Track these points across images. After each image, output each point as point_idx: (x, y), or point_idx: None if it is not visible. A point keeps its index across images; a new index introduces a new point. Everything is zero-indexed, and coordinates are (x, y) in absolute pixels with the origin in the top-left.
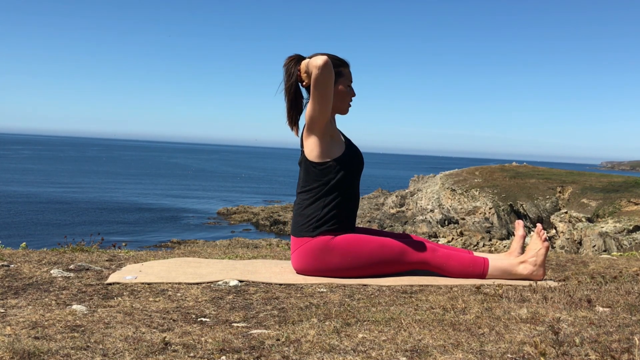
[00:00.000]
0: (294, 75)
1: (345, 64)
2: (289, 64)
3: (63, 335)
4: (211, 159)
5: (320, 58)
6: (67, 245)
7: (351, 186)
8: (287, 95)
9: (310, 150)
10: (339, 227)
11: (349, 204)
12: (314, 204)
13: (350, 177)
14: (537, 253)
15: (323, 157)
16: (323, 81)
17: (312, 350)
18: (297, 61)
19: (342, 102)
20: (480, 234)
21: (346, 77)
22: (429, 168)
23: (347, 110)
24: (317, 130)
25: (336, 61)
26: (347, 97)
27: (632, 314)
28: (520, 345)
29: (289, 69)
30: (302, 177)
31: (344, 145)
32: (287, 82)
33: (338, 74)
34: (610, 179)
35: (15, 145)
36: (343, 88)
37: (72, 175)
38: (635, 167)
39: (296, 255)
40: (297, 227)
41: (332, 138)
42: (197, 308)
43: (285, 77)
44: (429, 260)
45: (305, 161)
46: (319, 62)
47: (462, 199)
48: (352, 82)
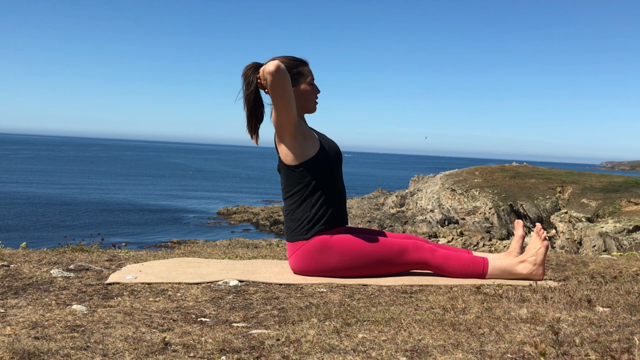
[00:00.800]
0: (252, 84)
1: (303, 63)
2: (247, 72)
3: (63, 335)
4: (211, 159)
5: (271, 64)
6: (67, 245)
7: (334, 181)
8: (246, 103)
9: (286, 155)
10: (331, 224)
11: (336, 198)
12: (301, 206)
13: (330, 172)
14: (536, 252)
15: (299, 159)
16: (279, 86)
17: (312, 350)
18: (255, 69)
19: (307, 101)
20: (480, 234)
21: (307, 76)
22: (429, 168)
23: (314, 108)
24: (286, 134)
25: (293, 62)
26: (312, 95)
27: (632, 314)
28: (520, 345)
29: (247, 78)
30: (283, 182)
31: (318, 143)
32: (245, 90)
33: (298, 74)
34: (610, 179)
35: (15, 145)
36: (306, 87)
37: (72, 175)
38: (635, 167)
39: (293, 258)
40: (290, 233)
41: (304, 138)
42: (197, 308)
43: (244, 85)
44: (428, 261)
45: (283, 167)
46: (271, 68)
47: (462, 199)
48: (314, 79)
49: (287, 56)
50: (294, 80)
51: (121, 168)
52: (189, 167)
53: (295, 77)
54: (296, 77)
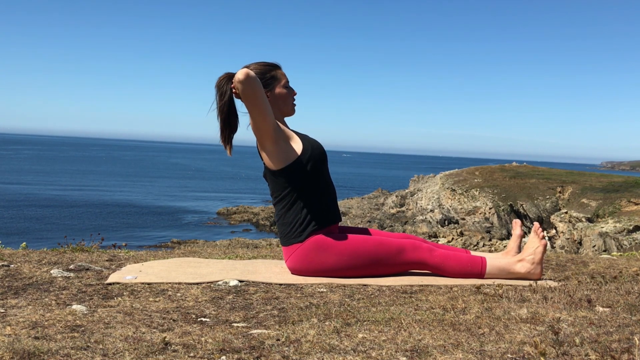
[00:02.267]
0: (226, 94)
1: (275, 67)
2: (221, 82)
3: (63, 335)
4: (211, 159)
5: (240, 72)
6: (67, 245)
7: (321, 179)
8: (220, 114)
9: (269, 161)
10: (324, 222)
11: (325, 196)
12: (291, 209)
13: (316, 171)
14: (534, 251)
15: (283, 163)
16: (251, 93)
17: (312, 350)
18: (228, 79)
19: (285, 104)
20: (480, 234)
21: (281, 79)
22: (429, 168)
23: (293, 110)
24: (266, 140)
25: (265, 67)
26: (289, 98)
27: (632, 314)
28: (520, 345)
29: (220, 88)
30: (271, 188)
31: (300, 144)
32: (219, 101)
33: (272, 79)
34: (610, 179)
35: (15, 145)
36: (281, 90)
37: (72, 175)
38: (635, 167)
39: (290, 261)
40: (284, 237)
41: (286, 142)
42: (197, 308)
43: (218, 96)
44: (426, 260)
45: (268, 173)
46: (240, 77)
47: (462, 199)
48: (288, 82)
49: (258, 62)
50: (268, 84)
51: (121, 168)
52: (189, 167)
53: (269, 81)
54: (270, 82)
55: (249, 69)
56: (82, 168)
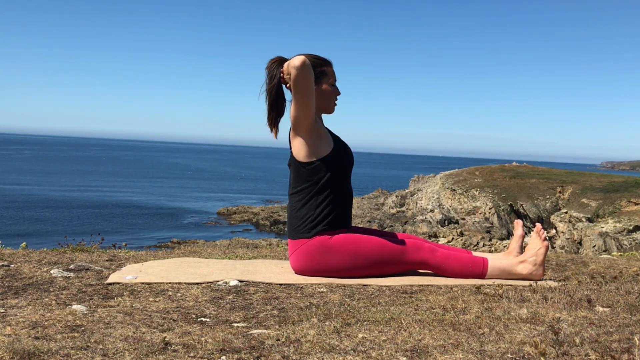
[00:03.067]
0: (275, 77)
1: (327, 63)
2: (271, 66)
3: (63, 335)
4: (211, 159)
5: (297, 59)
6: (67, 245)
7: (342, 183)
8: (268, 97)
9: (298, 151)
10: (334, 225)
11: (342, 201)
12: (307, 204)
13: (340, 174)
14: (536, 252)
15: (311, 157)
16: (302, 81)
17: (312, 350)
18: (279, 63)
19: (327, 101)
20: (480, 234)
21: (330, 76)
22: (429, 168)
23: (332, 109)
24: (302, 130)
25: (318, 61)
26: (332, 96)
27: (632, 314)
28: (520, 345)
29: (271, 71)
30: (292, 178)
31: (332, 143)
32: (268, 84)
33: (321, 74)
34: (610, 179)
35: (16, 145)
36: (327, 87)
37: (72, 175)
38: (635, 167)
39: (294, 257)
40: (292, 230)
41: (319, 137)
42: (197, 308)
43: (267, 79)
44: (428, 260)
45: (294, 162)
46: (296, 63)
47: (462, 199)
48: (336, 81)
49: (312, 54)
50: (316, 78)
51: (121, 168)
52: (189, 167)
53: (318, 76)
54: (319, 76)
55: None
56: (82, 168)
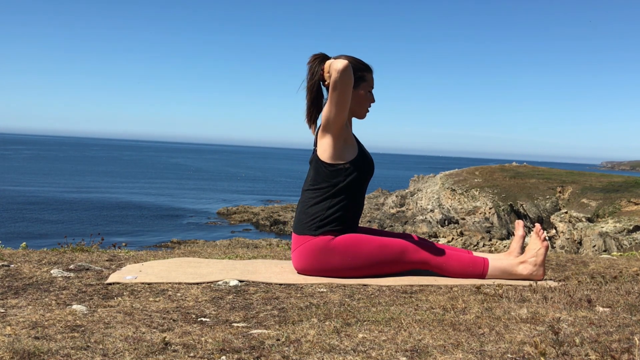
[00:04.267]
0: (317, 74)
1: (368, 69)
2: (313, 62)
3: (63, 335)
4: (211, 159)
5: (341, 62)
6: (67, 245)
7: (358, 191)
8: (308, 93)
9: (323, 151)
10: (342, 229)
11: (354, 207)
12: (320, 203)
13: (359, 181)
14: (536, 253)
15: (335, 159)
16: (342, 85)
17: (312, 350)
18: (321, 60)
19: (360, 106)
20: (480, 234)
21: (368, 83)
22: (429, 168)
23: (364, 115)
24: (332, 131)
25: (360, 65)
26: (366, 102)
27: (632, 314)
28: (520, 345)
29: (312, 68)
30: (311, 175)
31: (356, 150)
32: (309, 80)
33: (361, 79)
34: (610, 179)
35: (16, 145)
36: (364, 93)
37: (72, 175)
38: (635, 167)
39: (297, 254)
40: (299, 225)
41: (346, 141)
42: (197, 308)
43: (309, 75)
44: (428, 260)
45: (316, 160)
46: (339, 66)
47: (462, 199)
48: (373, 88)
49: (355, 58)
50: (355, 82)
51: (121, 168)
52: (189, 167)
53: (357, 80)
54: (358, 81)
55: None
56: (82, 168)
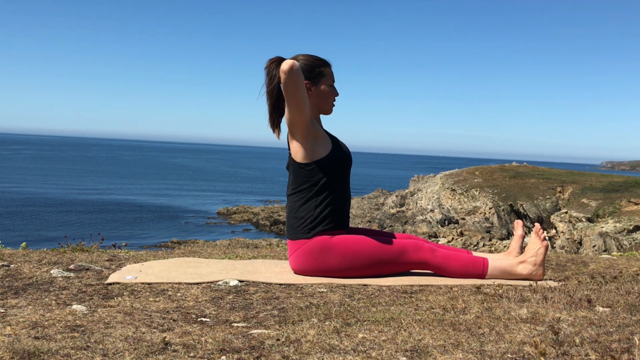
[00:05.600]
0: (275, 78)
1: (326, 64)
2: (270, 66)
3: (63, 335)
4: (211, 159)
5: (285, 63)
6: (67, 245)
7: (341, 184)
8: (269, 98)
9: (296, 153)
10: (334, 225)
11: (341, 202)
12: (305, 204)
13: (339, 175)
14: (536, 253)
15: (309, 158)
16: (291, 85)
17: (312, 350)
18: (278, 63)
19: (325, 102)
20: (480, 234)
21: (328, 77)
22: (429, 168)
23: (330, 110)
24: (298, 132)
25: (316, 62)
26: (330, 97)
27: (632, 314)
28: (520, 345)
29: (270, 72)
30: (291, 179)
31: (330, 145)
32: (268, 85)
33: (320, 74)
34: (610, 179)
35: (16, 145)
36: (325, 88)
37: (72, 175)
38: (635, 167)
39: (294, 257)
40: (292, 230)
41: (316, 139)
42: (197, 308)
43: (267, 80)
44: (428, 261)
45: (292, 164)
46: (284, 67)
47: (462, 199)
48: (334, 82)
49: (311, 55)
50: (314, 79)
51: (121, 168)
52: (189, 167)
53: (316, 76)
54: (317, 77)
55: (298, 58)
56: (82, 168)
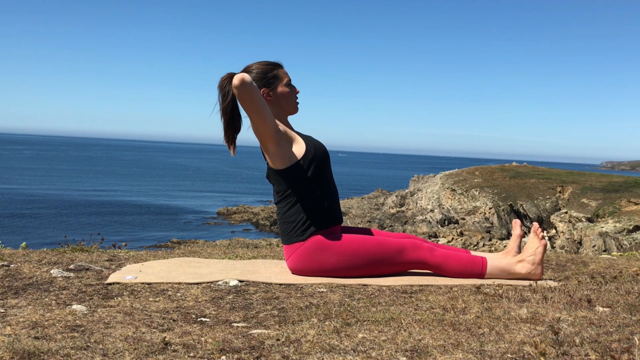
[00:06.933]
0: (228, 95)
1: (277, 66)
2: (223, 83)
3: (63, 335)
4: (211, 159)
5: (236, 78)
6: (67, 245)
7: (324, 180)
8: (223, 115)
9: (273, 161)
10: (326, 223)
11: (327, 197)
12: (293, 208)
13: (319, 172)
14: (535, 252)
15: (285, 163)
16: (247, 97)
17: (312, 350)
18: (230, 80)
19: (287, 103)
20: (480, 234)
21: (282, 78)
22: (429, 168)
23: (295, 108)
24: (268, 141)
25: (267, 67)
26: (291, 96)
27: (632, 314)
28: (520, 345)
29: (223, 89)
30: (274, 188)
31: (303, 144)
32: (222, 102)
33: (274, 78)
34: (610, 179)
35: (16, 145)
36: (283, 89)
37: (72, 175)
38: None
39: (291, 260)
40: (286, 235)
41: (288, 142)
42: (197, 308)
43: (221, 97)
44: (427, 260)
45: (272, 172)
46: (235, 82)
47: (462, 199)
48: (290, 80)
49: (260, 62)
50: (270, 84)
51: (121, 168)
52: (189, 167)
53: (271, 80)
54: (272, 81)
55: (250, 68)
56: (82, 168)
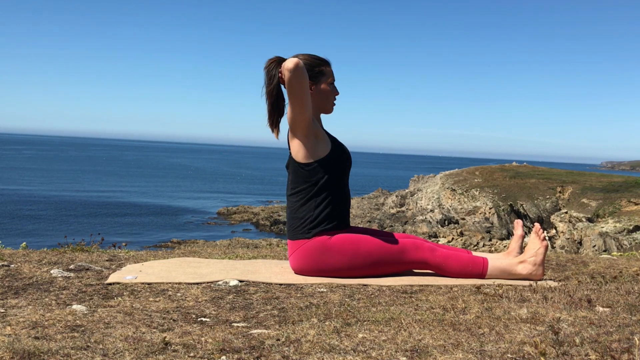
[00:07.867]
0: (275, 78)
1: (326, 63)
2: (270, 66)
3: (63, 335)
4: (211, 159)
5: (290, 61)
6: (67, 245)
7: (341, 184)
8: (268, 98)
9: (297, 152)
10: (334, 226)
11: (341, 202)
12: (305, 205)
13: (338, 175)
14: (536, 252)
15: (309, 158)
16: (296, 83)
17: (312, 350)
18: (277, 63)
19: (325, 101)
20: (480, 234)
21: (328, 76)
22: (429, 168)
23: (331, 109)
24: (299, 131)
25: (316, 61)
26: (331, 95)
27: (632, 314)
28: (520, 345)
29: (269, 72)
30: (290, 179)
31: (330, 144)
32: (268, 85)
33: (320, 73)
34: (610, 179)
35: (16, 145)
36: (326, 87)
37: (72, 175)
38: (635, 167)
39: (294, 257)
40: (292, 230)
41: (317, 138)
42: (197, 308)
43: (267, 80)
44: (428, 260)
45: (292, 163)
46: (290, 65)
47: (462, 199)
48: (334, 81)
49: (310, 54)
50: (315, 78)
51: (121, 168)
52: (189, 167)
53: (316, 75)
54: (317, 76)
55: (298, 58)
56: (82, 168)
